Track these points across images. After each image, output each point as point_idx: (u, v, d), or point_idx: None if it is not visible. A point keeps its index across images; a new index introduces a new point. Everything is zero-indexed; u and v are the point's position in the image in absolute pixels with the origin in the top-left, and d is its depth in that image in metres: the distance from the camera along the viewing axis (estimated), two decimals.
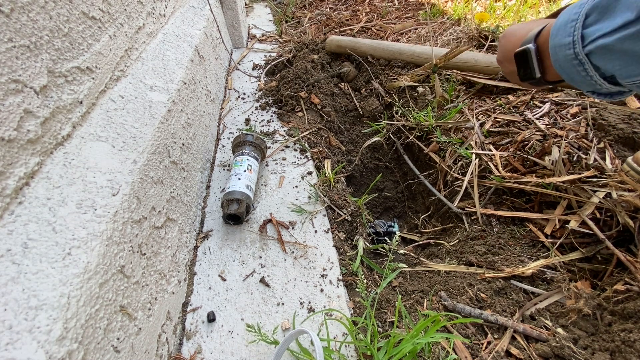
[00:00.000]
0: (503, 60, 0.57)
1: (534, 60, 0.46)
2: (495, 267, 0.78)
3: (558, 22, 0.40)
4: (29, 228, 0.46)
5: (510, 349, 0.64)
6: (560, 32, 0.39)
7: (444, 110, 1.19)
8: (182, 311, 0.72)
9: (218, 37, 1.50)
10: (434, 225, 1.06)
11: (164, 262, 0.68)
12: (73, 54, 0.61)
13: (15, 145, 0.47)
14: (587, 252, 0.76)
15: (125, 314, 0.52)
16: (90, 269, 0.45)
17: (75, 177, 0.54)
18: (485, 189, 0.94)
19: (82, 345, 0.42)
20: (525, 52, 0.46)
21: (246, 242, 0.85)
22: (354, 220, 0.96)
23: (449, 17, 2.00)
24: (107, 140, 0.63)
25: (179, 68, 0.96)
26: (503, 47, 0.56)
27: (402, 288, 0.81)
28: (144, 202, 0.63)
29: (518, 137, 0.98)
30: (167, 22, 1.09)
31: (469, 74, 1.27)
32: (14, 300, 0.39)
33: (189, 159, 0.90)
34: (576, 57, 0.38)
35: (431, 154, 1.12)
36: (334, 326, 0.69)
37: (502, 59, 0.57)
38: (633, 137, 0.89)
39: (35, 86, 0.51)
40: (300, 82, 1.33)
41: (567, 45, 0.38)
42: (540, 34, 0.45)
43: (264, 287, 0.76)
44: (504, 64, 0.57)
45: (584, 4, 0.37)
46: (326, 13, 2.21)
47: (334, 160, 1.16)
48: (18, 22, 0.49)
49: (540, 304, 0.71)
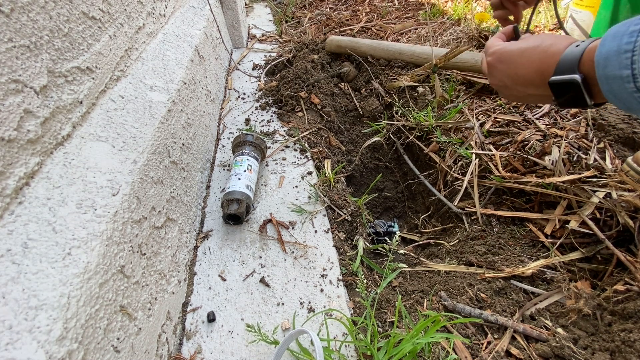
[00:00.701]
0: (513, 85, 0.54)
1: (583, 90, 0.44)
2: (495, 267, 0.78)
3: (603, 50, 0.39)
4: (29, 228, 0.46)
5: (510, 349, 0.64)
6: (611, 63, 0.38)
7: (444, 110, 1.19)
8: (182, 311, 0.72)
9: (218, 37, 1.50)
10: (434, 225, 1.06)
11: (164, 262, 0.68)
12: (73, 54, 0.61)
13: (16, 145, 0.47)
14: (587, 252, 0.76)
15: (125, 314, 0.52)
16: (90, 269, 0.45)
17: (75, 177, 0.54)
18: (485, 189, 0.94)
19: (82, 345, 0.42)
20: (571, 83, 0.44)
21: (246, 242, 0.85)
22: (354, 220, 0.96)
23: (449, 17, 2.00)
24: (107, 140, 0.63)
25: (179, 68, 0.96)
26: (512, 71, 0.53)
27: (402, 288, 0.81)
28: (144, 202, 0.63)
29: (518, 137, 0.98)
30: (167, 22, 1.09)
31: (469, 74, 1.27)
32: (14, 300, 0.39)
33: (189, 159, 0.90)
34: (638, 90, 0.37)
35: (431, 154, 1.12)
36: (334, 326, 0.69)
37: (510, 84, 0.54)
38: (633, 137, 0.89)
39: (35, 86, 0.51)
40: (300, 82, 1.33)
41: (625, 78, 0.37)
42: (582, 62, 0.43)
43: (264, 287, 0.76)
44: (514, 87, 0.55)
45: (634, 32, 0.36)
46: (326, 13, 2.21)
47: (334, 160, 1.16)
48: (18, 22, 0.49)
49: (540, 304, 0.71)
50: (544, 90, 0.49)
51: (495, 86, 0.59)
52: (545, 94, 0.50)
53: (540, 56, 0.49)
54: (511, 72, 0.54)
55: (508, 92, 0.57)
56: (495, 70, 0.56)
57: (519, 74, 0.52)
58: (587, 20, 1.48)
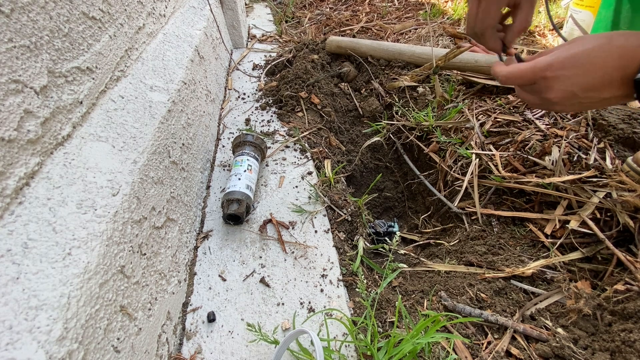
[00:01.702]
0: (583, 92, 0.49)
1: None
2: (495, 267, 0.78)
3: None
4: (29, 228, 0.46)
5: (511, 349, 0.64)
6: None
7: (444, 110, 1.19)
8: (182, 311, 0.72)
9: (218, 37, 1.50)
10: (434, 225, 1.06)
11: (164, 262, 0.68)
12: (73, 54, 0.61)
13: (16, 146, 0.47)
14: (587, 252, 0.76)
15: (125, 314, 0.52)
16: (90, 269, 0.45)
17: (75, 177, 0.54)
18: (485, 189, 0.94)
19: (82, 345, 0.42)
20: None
21: (246, 242, 0.85)
22: (354, 220, 0.96)
23: (449, 17, 1.99)
24: (107, 140, 0.63)
25: (179, 68, 0.96)
26: (581, 77, 0.49)
27: (402, 288, 0.81)
28: (144, 202, 0.63)
29: (518, 137, 0.98)
30: (167, 22, 1.09)
31: (469, 74, 1.27)
32: (14, 300, 0.39)
33: (189, 159, 0.91)
34: None
35: (431, 154, 1.12)
36: (334, 326, 0.69)
37: (579, 91, 0.50)
38: (633, 137, 0.89)
39: (36, 86, 0.51)
40: (301, 82, 1.33)
41: None
42: None
43: (264, 287, 0.76)
44: (584, 95, 0.50)
45: None
46: (326, 13, 2.21)
47: (334, 160, 1.16)
48: (18, 23, 0.49)
49: (541, 304, 0.71)
50: (625, 89, 0.46)
51: (557, 99, 0.52)
52: (623, 95, 0.46)
53: (619, 52, 0.45)
54: (580, 79, 0.49)
55: (575, 101, 0.51)
56: (558, 82, 0.51)
57: (594, 76, 0.48)
58: (587, 20, 1.48)
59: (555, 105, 0.54)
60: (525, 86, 0.56)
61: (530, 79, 0.54)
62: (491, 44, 0.59)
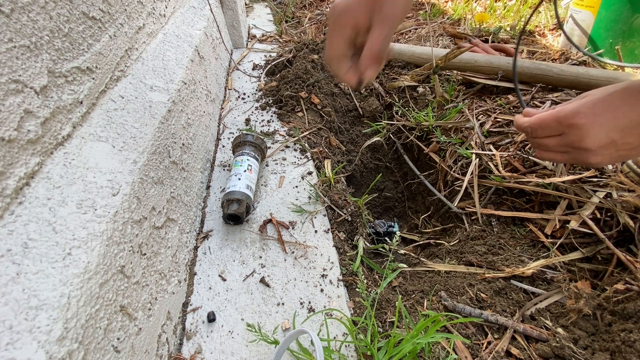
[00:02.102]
0: (623, 137, 0.47)
1: None
2: (495, 267, 0.78)
3: None
4: (29, 228, 0.46)
5: (511, 349, 0.64)
6: None
7: (444, 110, 1.19)
8: (182, 311, 0.72)
9: (218, 37, 1.50)
10: (434, 225, 1.06)
11: (164, 262, 0.68)
12: (73, 54, 0.61)
13: (16, 146, 0.47)
14: (587, 252, 0.76)
15: (125, 314, 0.52)
16: (90, 269, 0.45)
17: (75, 177, 0.54)
18: (485, 189, 0.94)
19: (83, 345, 0.42)
20: None
21: (246, 242, 0.85)
22: (354, 220, 0.96)
23: (449, 17, 1.99)
24: (107, 140, 0.63)
25: (179, 68, 0.96)
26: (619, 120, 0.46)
27: (402, 288, 0.81)
28: (144, 202, 0.63)
29: (518, 137, 0.98)
30: (167, 22, 1.09)
31: (469, 74, 1.27)
32: (14, 300, 0.39)
33: (189, 159, 0.91)
34: None
35: (431, 154, 1.12)
36: (334, 326, 0.69)
37: (618, 137, 0.47)
38: None
39: (36, 86, 0.51)
40: (301, 82, 1.33)
41: None
42: None
43: (264, 287, 0.76)
44: (623, 140, 0.47)
45: None
46: (326, 13, 2.21)
47: (334, 160, 1.16)
48: (18, 23, 0.49)
49: (541, 304, 0.71)
50: None
51: (595, 148, 0.48)
52: None
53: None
54: (618, 122, 0.46)
55: (613, 149, 0.48)
56: (593, 128, 0.47)
57: (631, 118, 0.45)
58: (587, 20, 1.48)
59: (592, 155, 0.50)
60: (553, 144, 0.52)
61: (554, 127, 0.51)
62: (340, 75, 0.48)
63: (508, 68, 1.20)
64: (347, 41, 0.44)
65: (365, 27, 0.43)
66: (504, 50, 1.49)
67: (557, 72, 1.14)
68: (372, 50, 0.43)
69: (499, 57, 1.25)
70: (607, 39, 1.41)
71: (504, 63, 1.21)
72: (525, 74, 1.16)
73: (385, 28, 0.41)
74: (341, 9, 0.43)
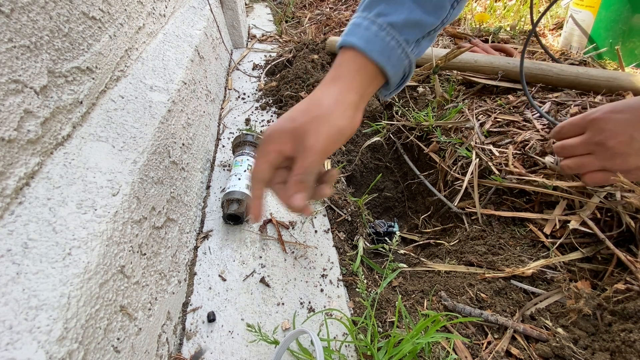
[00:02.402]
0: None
1: None
2: (495, 267, 0.78)
3: None
4: (29, 228, 0.46)
5: (511, 349, 0.64)
6: None
7: (444, 110, 1.19)
8: (182, 311, 0.72)
9: (218, 37, 1.50)
10: (434, 225, 1.06)
11: (164, 262, 0.68)
12: (73, 54, 0.61)
13: (16, 146, 0.47)
14: (588, 252, 0.76)
15: (125, 314, 0.52)
16: (90, 269, 0.45)
17: (75, 177, 0.54)
18: (485, 189, 0.94)
19: (83, 346, 0.42)
20: None
21: (246, 242, 0.85)
22: (354, 220, 0.96)
23: None
24: (107, 140, 0.63)
25: (179, 68, 0.96)
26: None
27: (402, 288, 0.81)
28: (144, 202, 0.63)
29: (518, 137, 0.98)
30: (167, 22, 1.09)
31: (469, 74, 1.27)
32: (14, 301, 0.39)
33: (189, 159, 0.90)
34: None
35: (431, 154, 1.12)
36: (334, 326, 0.69)
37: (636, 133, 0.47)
38: None
39: (36, 86, 0.51)
40: (301, 82, 1.33)
41: None
42: None
43: (264, 287, 0.76)
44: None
45: None
46: (326, 13, 2.21)
47: (334, 160, 1.16)
48: (18, 23, 0.49)
49: (541, 304, 0.71)
50: None
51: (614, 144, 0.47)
52: None
53: None
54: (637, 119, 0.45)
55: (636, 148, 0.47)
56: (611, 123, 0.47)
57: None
58: (587, 20, 1.49)
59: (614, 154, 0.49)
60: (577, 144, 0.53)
61: (579, 124, 0.53)
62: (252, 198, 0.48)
63: (508, 68, 1.20)
64: (270, 165, 0.45)
65: (291, 155, 0.44)
66: (504, 50, 1.49)
67: (557, 72, 1.14)
68: (292, 178, 0.44)
69: (499, 57, 1.26)
70: (607, 39, 1.41)
71: (504, 63, 1.21)
72: (526, 73, 1.16)
73: (306, 160, 0.42)
74: (267, 135, 0.45)
